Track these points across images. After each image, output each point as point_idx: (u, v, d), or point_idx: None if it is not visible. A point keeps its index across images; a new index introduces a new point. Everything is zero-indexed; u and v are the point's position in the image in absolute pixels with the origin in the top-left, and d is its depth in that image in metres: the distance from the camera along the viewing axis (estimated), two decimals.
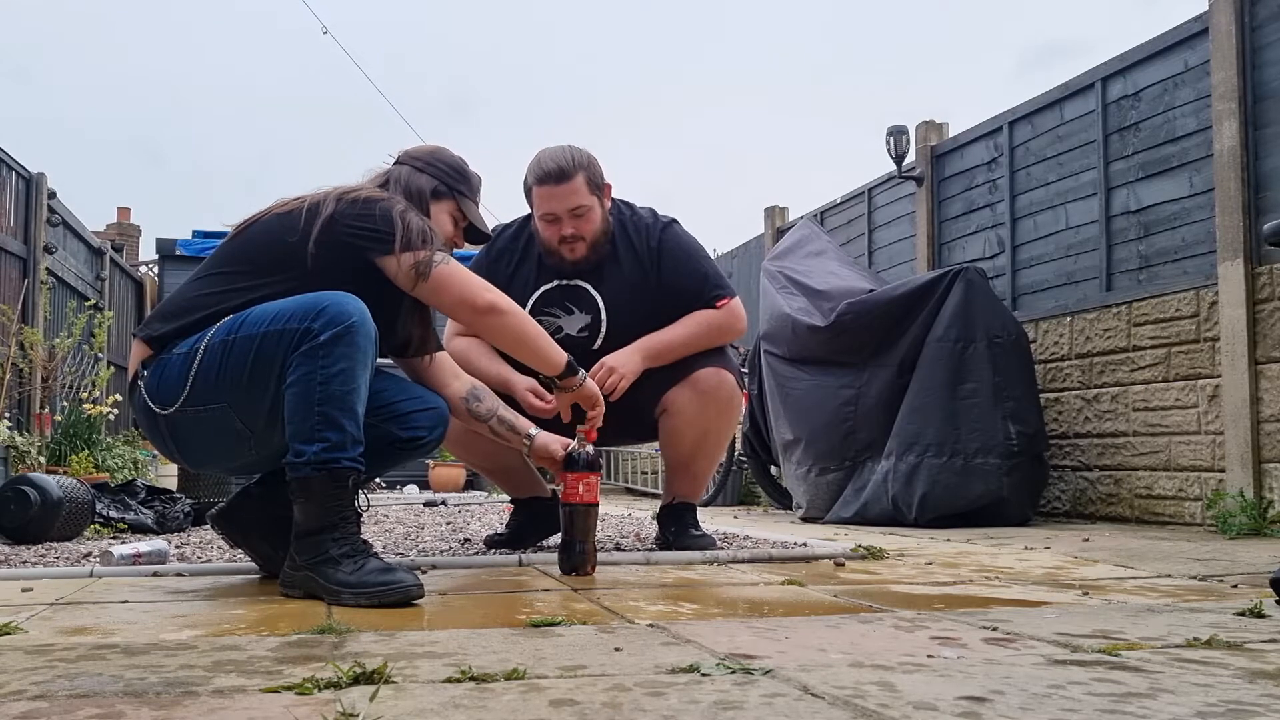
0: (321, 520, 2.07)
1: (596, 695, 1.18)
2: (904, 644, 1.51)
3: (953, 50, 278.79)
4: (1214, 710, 1.10)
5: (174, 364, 2.18)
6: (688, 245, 3.05)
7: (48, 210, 6.83)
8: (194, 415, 2.18)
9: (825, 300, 5.28)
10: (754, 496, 7.20)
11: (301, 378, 2.06)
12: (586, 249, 2.94)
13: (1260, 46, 4.29)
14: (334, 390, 2.06)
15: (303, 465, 2.07)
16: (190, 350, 2.16)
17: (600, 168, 2.95)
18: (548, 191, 2.89)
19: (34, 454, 4.98)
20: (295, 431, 2.08)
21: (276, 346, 2.08)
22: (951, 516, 4.55)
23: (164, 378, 2.19)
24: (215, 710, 1.13)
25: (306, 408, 2.06)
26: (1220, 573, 2.57)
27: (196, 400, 2.16)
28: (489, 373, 2.79)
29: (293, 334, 2.07)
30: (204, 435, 2.23)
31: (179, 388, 2.16)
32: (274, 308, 2.12)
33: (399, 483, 9.48)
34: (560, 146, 2.93)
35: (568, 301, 3.03)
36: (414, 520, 4.69)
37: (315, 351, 2.05)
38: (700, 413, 2.97)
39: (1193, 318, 4.53)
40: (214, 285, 2.26)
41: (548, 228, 2.94)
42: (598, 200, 2.94)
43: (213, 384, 2.13)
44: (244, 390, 2.13)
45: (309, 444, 2.06)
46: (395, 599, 1.96)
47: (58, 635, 1.65)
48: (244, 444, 2.22)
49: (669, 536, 3.12)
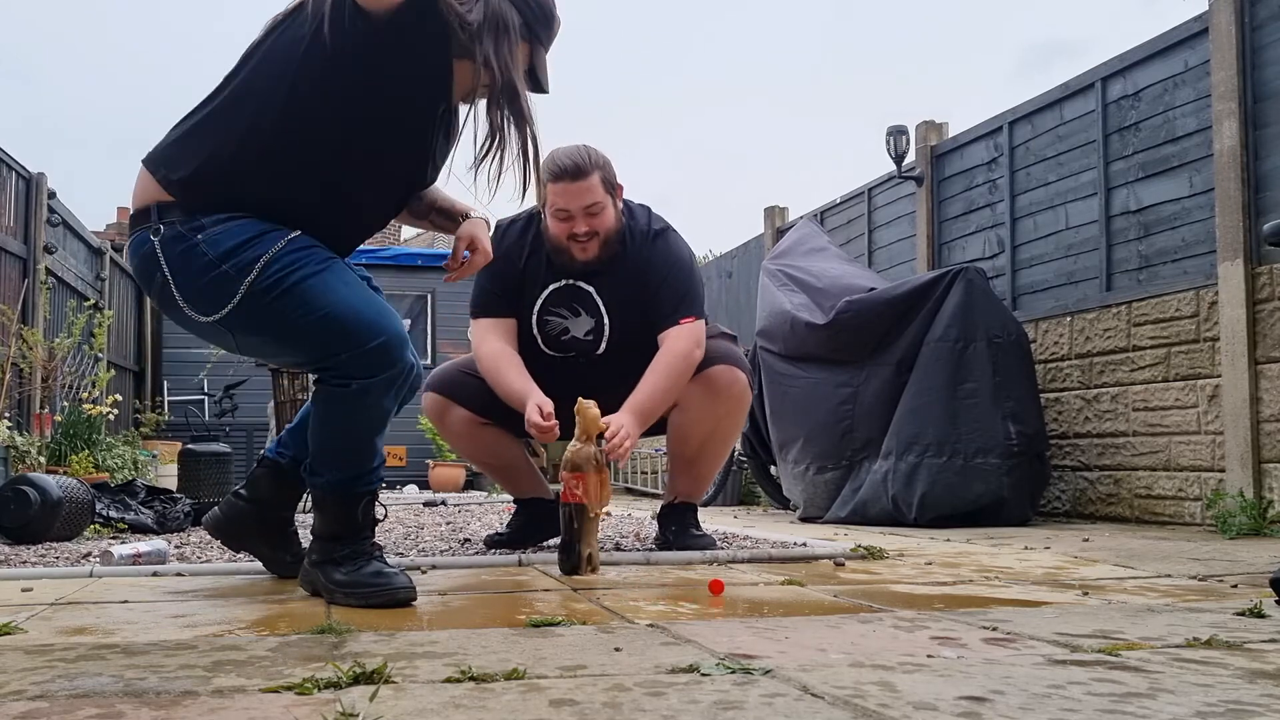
0: (333, 529, 2.08)
1: (596, 695, 1.18)
2: (904, 644, 1.51)
3: (953, 50, 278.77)
4: (1214, 710, 1.10)
5: (207, 269, 1.95)
6: (673, 257, 3.00)
7: (48, 210, 6.83)
8: (216, 329, 2.03)
9: (825, 297, 5.28)
10: (754, 496, 7.20)
11: (336, 404, 2.01)
12: (599, 247, 2.93)
13: (1260, 46, 4.29)
14: (364, 427, 2.04)
15: (320, 484, 2.08)
16: (231, 269, 1.93)
17: (614, 168, 2.95)
18: (562, 188, 2.88)
19: (34, 454, 4.98)
20: (319, 448, 2.07)
21: (326, 337, 1.95)
22: (951, 516, 4.55)
23: (197, 282, 1.96)
24: (215, 710, 1.13)
25: (333, 434, 2.05)
26: (1220, 573, 2.57)
27: (230, 324, 1.99)
28: (511, 386, 2.85)
29: (344, 342, 1.95)
30: (223, 341, 2.11)
31: (212, 304, 1.96)
32: (335, 290, 1.96)
33: (399, 483, 9.49)
34: (575, 145, 2.93)
35: (575, 303, 3.03)
36: (414, 520, 4.69)
37: (359, 395, 1.98)
38: (710, 410, 2.97)
39: (1193, 318, 4.53)
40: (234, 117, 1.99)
41: (559, 224, 2.93)
42: (611, 200, 2.93)
43: (247, 320, 1.97)
44: (279, 343, 2.06)
45: (329, 469, 2.06)
46: (381, 600, 1.95)
47: (58, 635, 1.65)
48: (268, 358, 2.23)
49: (669, 536, 3.11)
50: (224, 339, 2.07)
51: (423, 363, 8.83)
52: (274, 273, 1.93)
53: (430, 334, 10.91)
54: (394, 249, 12.01)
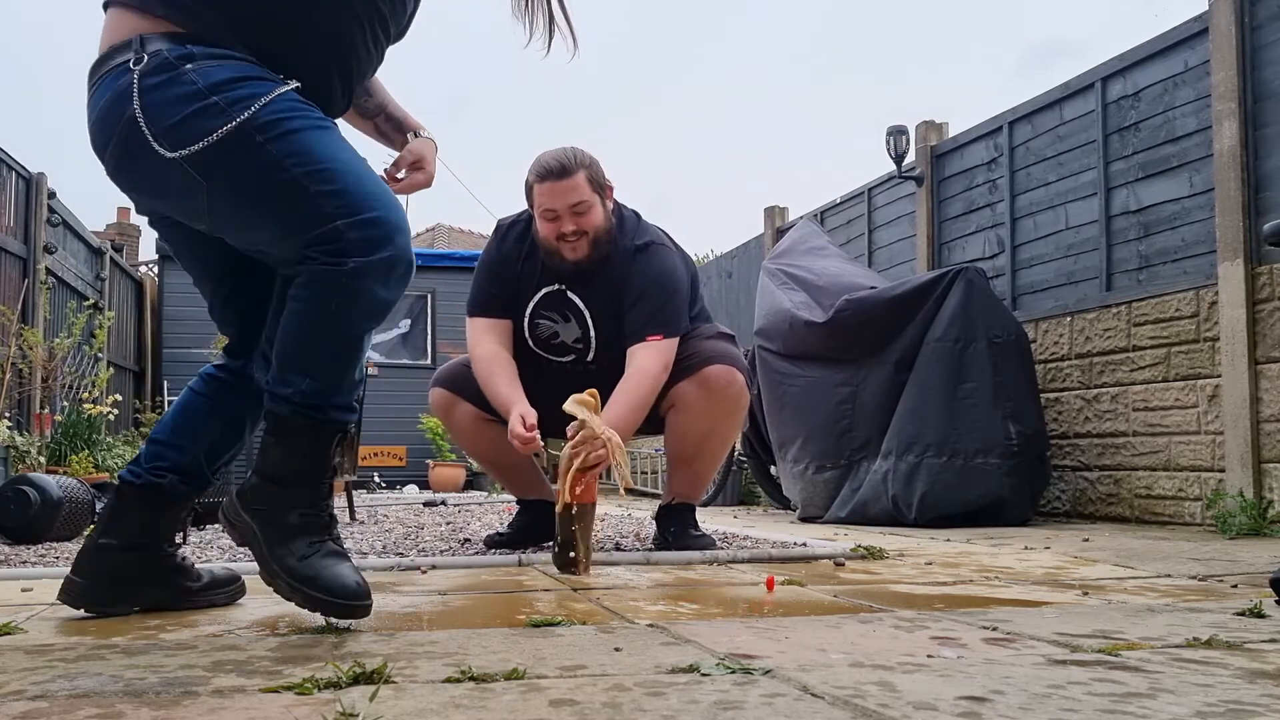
0: (293, 465, 1.73)
1: (596, 695, 1.18)
2: (904, 644, 1.51)
3: (953, 50, 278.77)
4: (1214, 710, 1.10)
5: (193, 98, 1.65)
6: (652, 274, 2.96)
7: (48, 210, 6.83)
8: (186, 178, 1.68)
9: (825, 296, 5.29)
10: (754, 496, 7.20)
11: (324, 290, 1.67)
12: (589, 247, 2.93)
13: (1260, 46, 4.29)
14: (355, 320, 1.70)
15: (284, 402, 1.71)
16: (222, 101, 1.65)
17: (602, 168, 2.95)
18: (548, 188, 2.88)
19: (34, 454, 4.98)
20: (291, 353, 1.71)
21: (322, 198, 1.66)
22: (951, 516, 4.55)
23: (177, 112, 1.66)
24: (215, 710, 1.13)
25: (314, 329, 1.70)
26: (1220, 573, 2.57)
27: (207, 167, 1.67)
28: (500, 393, 2.87)
29: (343, 206, 1.66)
30: (191, 201, 1.73)
31: (190, 136, 1.65)
32: (337, 149, 1.72)
33: (399, 483, 9.49)
34: (562, 146, 2.94)
35: (564, 309, 3.04)
36: (414, 520, 4.69)
37: (353, 276, 1.65)
38: (707, 410, 2.96)
39: (1193, 318, 4.53)
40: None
41: (548, 225, 2.93)
42: (600, 199, 2.93)
43: (229, 163, 1.66)
44: (260, 203, 1.70)
45: (304, 376, 1.70)
46: (334, 613, 1.67)
47: (58, 635, 1.65)
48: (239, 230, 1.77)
49: (668, 536, 3.12)
50: (192, 195, 1.70)
51: (424, 363, 8.85)
52: (271, 113, 1.66)
53: (430, 334, 10.90)
54: None
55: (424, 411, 10.17)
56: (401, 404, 9.94)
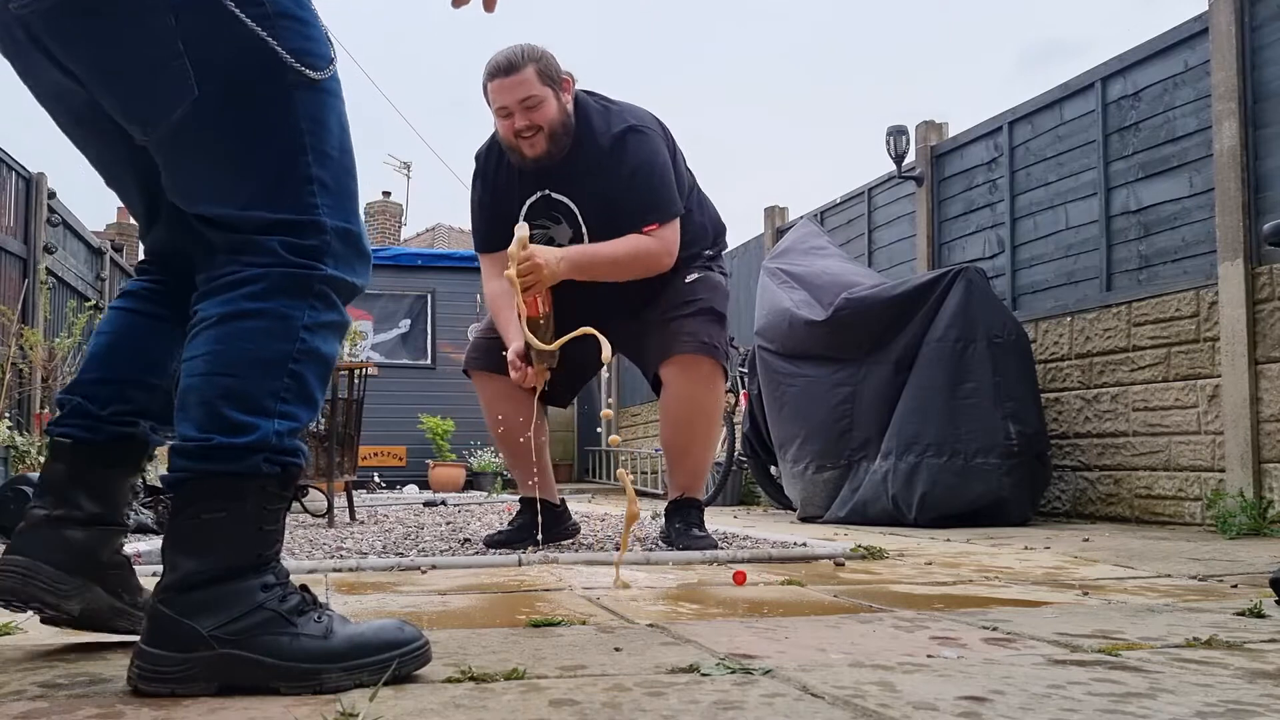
0: (246, 551, 1.24)
1: (596, 695, 1.18)
2: (904, 644, 1.51)
3: (953, 50, 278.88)
4: (1214, 710, 1.10)
5: None
6: (636, 160, 2.95)
7: (48, 210, 6.84)
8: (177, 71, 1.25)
9: (825, 294, 5.29)
10: (754, 496, 7.20)
11: (277, 304, 1.27)
12: (546, 141, 2.92)
13: (1260, 46, 4.29)
14: (320, 348, 1.31)
15: (245, 452, 1.23)
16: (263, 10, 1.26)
17: (556, 62, 2.93)
18: (498, 84, 2.89)
19: (34, 454, 4.98)
20: (241, 390, 1.24)
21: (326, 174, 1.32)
22: (951, 516, 4.55)
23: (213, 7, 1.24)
24: (215, 710, 1.13)
25: (270, 354, 1.26)
26: (1220, 573, 2.57)
27: (201, 61, 1.26)
28: (501, 328, 3.03)
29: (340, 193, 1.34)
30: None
31: (209, 28, 1.25)
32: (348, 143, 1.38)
33: (399, 483, 9.49)
34: (513, 44, 2.93)
35: (554, 212, 3.06)
36: (414, 520, 4.69)
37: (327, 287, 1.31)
38: (687, 388, 3.03)
39: (1193, 318, 4.53)
40: None
41: (503, 123, 2.94)
42: (553, 92, 2.91)
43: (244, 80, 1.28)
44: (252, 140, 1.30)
45: (262, 417, 1.24)
46: (411, 668, 1.26)
47: (58, 635, 1.64)
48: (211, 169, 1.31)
49: (672, 533, 3.13)
50: (163, 98, 1.26)
51: (424, 363, 8.88)
52: (320, 58, 1.32)
53: (430, 334, 10.90)
54: (394, 249, 11.97)
55: (424, 411, 10.18)
56: (401, 404, 9.94)
